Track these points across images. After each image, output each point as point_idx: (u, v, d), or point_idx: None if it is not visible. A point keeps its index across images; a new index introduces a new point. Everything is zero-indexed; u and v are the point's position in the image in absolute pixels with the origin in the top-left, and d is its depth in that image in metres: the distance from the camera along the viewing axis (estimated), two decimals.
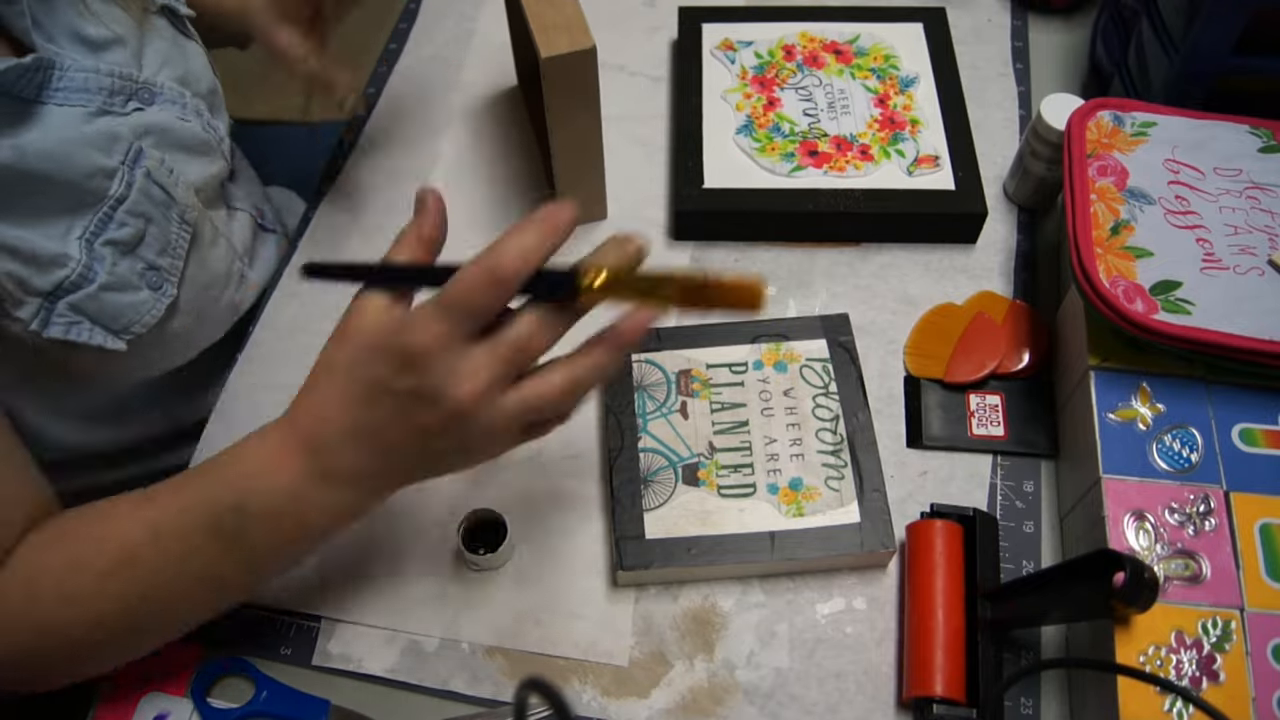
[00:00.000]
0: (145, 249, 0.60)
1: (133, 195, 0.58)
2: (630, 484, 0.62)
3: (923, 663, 0.55)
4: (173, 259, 0.63)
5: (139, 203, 0.59)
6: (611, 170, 0.74)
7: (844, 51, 0.81)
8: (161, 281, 0.62)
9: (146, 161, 0.60)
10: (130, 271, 0.59)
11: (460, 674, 0.59)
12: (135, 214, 0.59)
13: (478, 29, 0.90)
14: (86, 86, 0.57)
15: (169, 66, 0.64)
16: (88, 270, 0.57)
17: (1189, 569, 0.53)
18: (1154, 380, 0.58)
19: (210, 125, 0.68)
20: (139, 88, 0.61)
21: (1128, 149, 0.64)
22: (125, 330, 0.60)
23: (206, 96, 0.68)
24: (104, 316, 0.59)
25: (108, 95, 0.58)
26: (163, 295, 0.62)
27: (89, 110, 0.57)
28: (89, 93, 0.57)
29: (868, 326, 0.70)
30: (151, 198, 0.60)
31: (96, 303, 0.58)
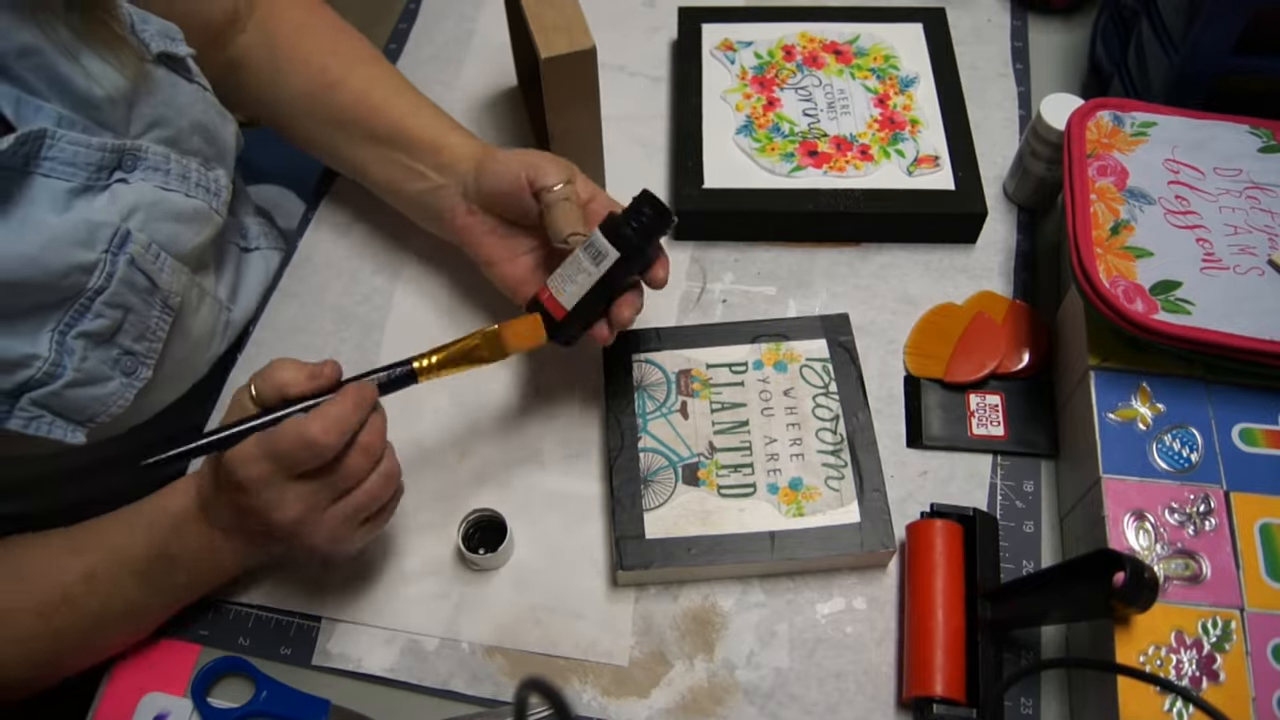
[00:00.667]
0: (122, 336, 0.59)
1: (112, 286, 0.56)
2: (630, 484, 0.62)
3: (923, 663, 0.55)
4: (151, 343, 0.61)
5: (118, 293, 0.57)
6: (611, 170, 0.74)
7: (844, 51, 0.81)
8: (136, 366, 0.60)
9: (132, 246, 0.57)
10: (102, 361, 0.58)
11: (460, 674, 0.59)
12: (114, 305, 0.57)
13: (478, 29, 0.90)
14: (74, 161, 0.55)
15: (160, 126, 0.61)
16: (55, 367, 0.55)
17: (1189, 569, 0.53)
18: (1154, 380, 0.58)
19: (204, 181, 0.64)
20: (125, 155, 0.58)
21: (1128, 149, 0.64)
22: (89, 421, 0.59)
23: (201, 150, 0.65)
24: (68, 410, 0.57)
25: (94, 170, 0.56)
26: (135, 380, 0.60)
27: (72, 186, 0.55)
28: (75, 167, 0.55)
29: (868, 326, 0.70)
30: (134, 286, 0.58)
31: (60, 399, 0.56)
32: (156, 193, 0.60)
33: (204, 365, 0.71)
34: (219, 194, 0.66)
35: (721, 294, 0.73)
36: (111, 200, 0.57)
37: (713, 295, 0.73)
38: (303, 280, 0.76)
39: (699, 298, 0.73)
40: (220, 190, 0.67)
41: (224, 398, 0.70)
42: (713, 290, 0.73)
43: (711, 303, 0.73)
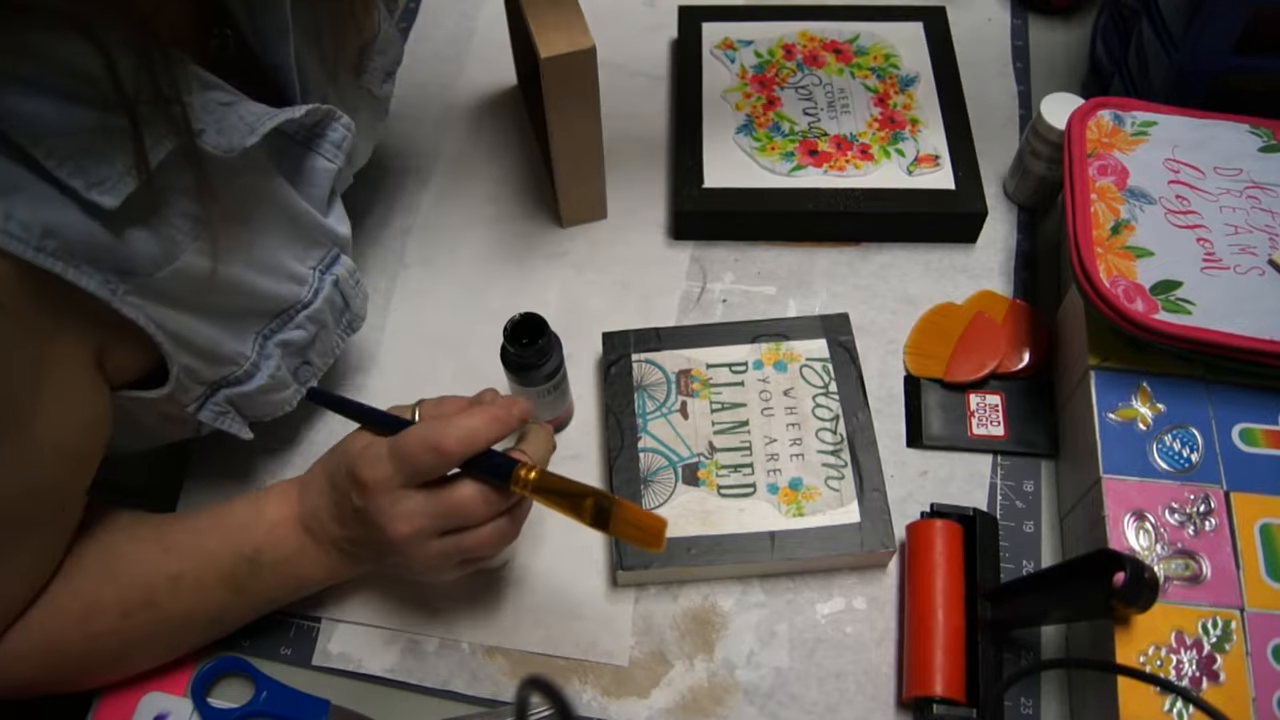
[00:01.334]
0: (311, 351, 0.60)
1: (317, 303, 0.58)
2: (630, 484, 0.62)
3: (923, 663, 0.55)
4: (327, 359, 0.62)
5: (320, 310, 0.58)
6: (611, 170, 0.74)
7: (844, 51, 0.81)
8: (310, 376, 0.61)
9: (339, 269, 0.59)
10: (289, 370, 0.59)
11: (460, 674, 0.59)
12: (314, 320, 0.58)
13: (478, 29, 0.90)
14: (340, 144, 0.57)
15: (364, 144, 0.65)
16: (254, 368, 0.56)
17: (1189, 569, 0.53)
18: (1154, 380, 0.58)
19: None
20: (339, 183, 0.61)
21: (1128, 148, 0.64)
22: (260, 420, 0.60)
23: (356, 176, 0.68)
24: (249, 409, 0.58)
25: (347, 157, 0.58)
26: (304, 387, 0.61)
27: (333, 168, 0.57)
28: (339, 149, 0.57)
29: (868, 326, 0.70)
30: (333, 305, 0.60)
31: (249, 400, 0.57)
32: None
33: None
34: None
35: (721, 294, 0.73)
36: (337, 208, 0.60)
37: (713, 295, 0.73)
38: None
39: (699, 298, 0.73)
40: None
41: None
42: (713, 290, 0.73)
43: (711, 303, 0.73)
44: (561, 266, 0.75)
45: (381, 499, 0.50)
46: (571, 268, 0.75)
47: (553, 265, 0.75)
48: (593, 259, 0.75)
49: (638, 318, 0.71)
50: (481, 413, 0.50)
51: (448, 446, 0.48)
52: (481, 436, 0.50)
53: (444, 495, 0.50)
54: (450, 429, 0.49)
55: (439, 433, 0.49)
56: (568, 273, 0.75)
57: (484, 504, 0.50)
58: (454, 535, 0.51)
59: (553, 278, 0.74)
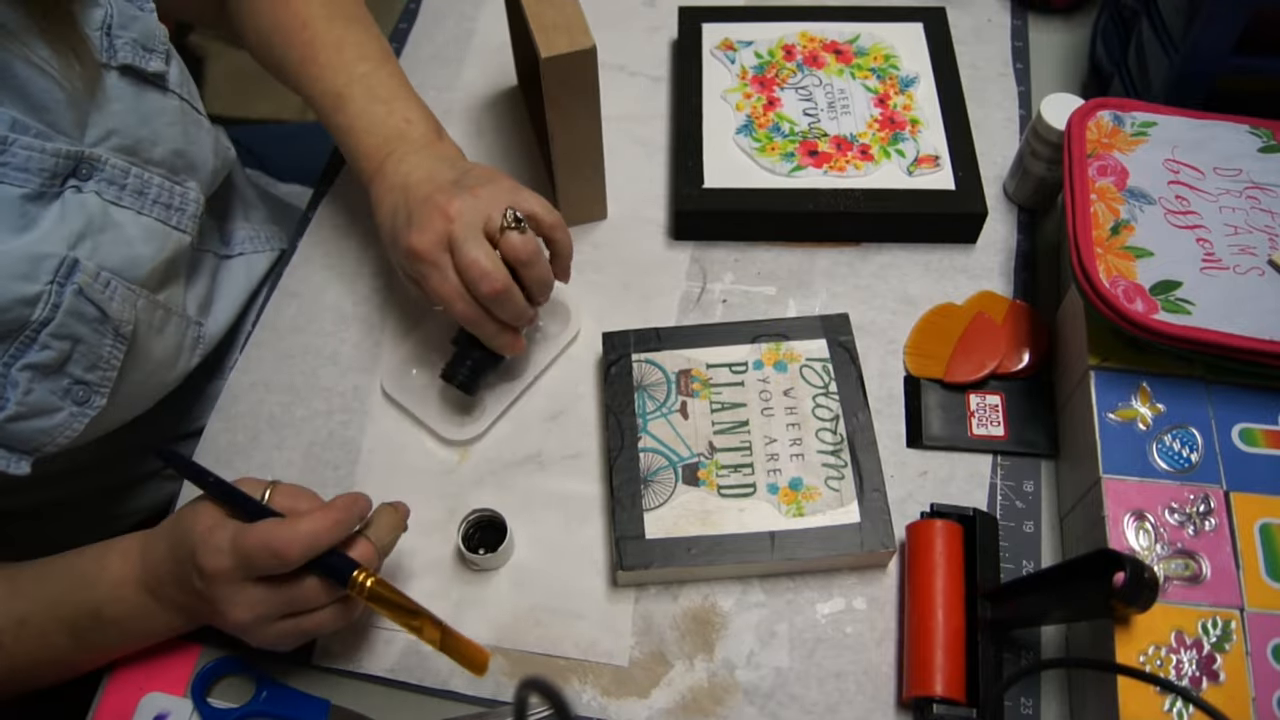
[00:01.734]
0: (72, 366, 0.57)
1: (58, 318, 0.54)
2: (630, 484, 0.62)
3: (923, 663, 0.55)
4: (104, 372, 0.59)
5: (65, 324, 0.55)
6: (611, 170, 0.74)
7: (844, 51, 0.81)
8: (89, 395, 0.59)
9: (80, 276, 0.55)
10: (50, 393, 0.56)
11: (460, 674, 0.59)
12: (61, 336, 0.55)
13: (478, 29, 0.90)
14: (27, 166, 0.53)
15: (117, 134, 0.59)
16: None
17: (1189, 569, 0.53)
18: (1154, 380, 0.58)
19: (165, 197, 0.63)
20: (79, 163, 0.56)
21: (1128, 149, 0.64)
22: (36, 451, 0.57)
23: (167, 160, 0.63)
24: (11, 441, 0.56)
25: (48, 177, 0.54)
26: (88, 409, 0.59)
27: (24, 192, 0.53)
28: (28, 173, 0.53)
29: (868, 326, 0.70)
30: (82, 316, 0.56)
31: (3, 432, 0.55)
32: (106, 210, 0.58)
33: (171, 382, 0.69)
34: (184, 209, 0.64)
35: (721, 294, 0.73)
36: (61, 214, 0.55)
37: (713, 295, 0.73)
38: (303, 280, 0.76)
39: (699, 298, 0.73)
40: (187, 204, 0.64)
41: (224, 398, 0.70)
42: (713, 290, 0.73)
43: (711, 303, 0.73)
44: None
45: (222, 589, 0.51)
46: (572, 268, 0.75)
47: None
48: (593, 259, 0.75)
49: (638, 318, 0.71)
50: (325, 516, 0.51)
51: (289, 555, 0.50)
52: (323, 541, 0.51)
53: (284, 590, 0.52)
54: (293, 536, 0.50)
55: (282, 540, 0.50)
56: None
57: (323, 595, 0.52)
58: (293, 618, 0.53)
59: None
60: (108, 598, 0.56)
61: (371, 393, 0.70)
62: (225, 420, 0.69)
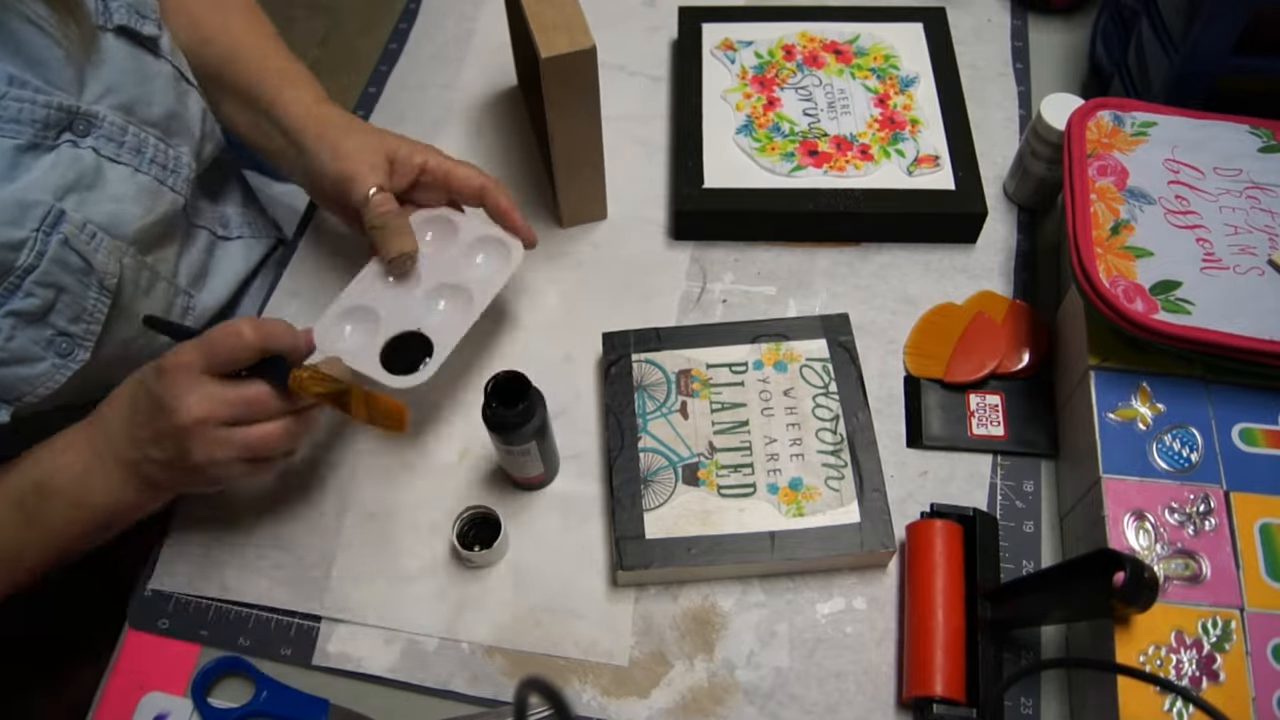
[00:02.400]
0: (55, 317, 0.57)
1: (43, 265, 0.55)
2: (630, 484, 0.62)
3: (923, 663, 0.55)
4: (89, 324, 0.59)
5: (50, 272, 0.55)
6: (611, 170, 0.74)
7: (844, 51, 0.81)
8: (73, 348, 0.59)
9: (66, 227, 0.56)
10: (33, 341, 0.56)
11: (460, 674, 0.59)
12: (44, 284, 0.55)
13: (478, 29, 0.90)
14: (19, 118, 0.54)
15: (114, 93, 0.60)
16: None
17: (1189, 569, 0.53)
18: (1154, 380, 0.58)
19: (160, 157, 0.63)
20: (75, 118, 0.57)
21: (1128, 149, 0.64)
22: (17, 400, 0.57)
23: (161, 122, 0.64)
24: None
25: (41, 127, 0.55)
26: (72, 361, 0.59)
27: (17, 143, 0.54)
28: (20, 124, 0.54)
29: (868, 326, 0.70)
30: (66, 265, 0.56)
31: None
32: (100, 166, 0.59)
33: (158, 349, 0.68)
34: (178, 171, 0.65)
35: (721, 294, 0.73)
36: (54, 163, 0.56)
37: (713, 295, 0.73)
38: (303, 280, 0.76)
39: (699, 298, 0.73)
40: (180, 167, 0.66)
41: None
42: (713, 290, 0.73)
43: (711, 303, 0.73)
44: (561, 266, 0.75)
45: (180, 379, 0.53)
46: (571, 268, 0.75)
47: (553, 265, 0.75)
48: (593, 259, 0.75)
49: (638, 318, 0.71)
50: (280, 323, 0.55)
51: (245, 332, 0.53)
52: (280, 335, 0.55)
53: (237, 387, 0.54)
54: (252, 320, 0.54)
55: (244, 323, 0.53)
56: (568, 273, 0.75)
57: (272, 401, 0.55)
58: (241, 428, 0.54)
59: (553, 278, 0.74)
60: (52, 465, 0.56)
61: None
62: None
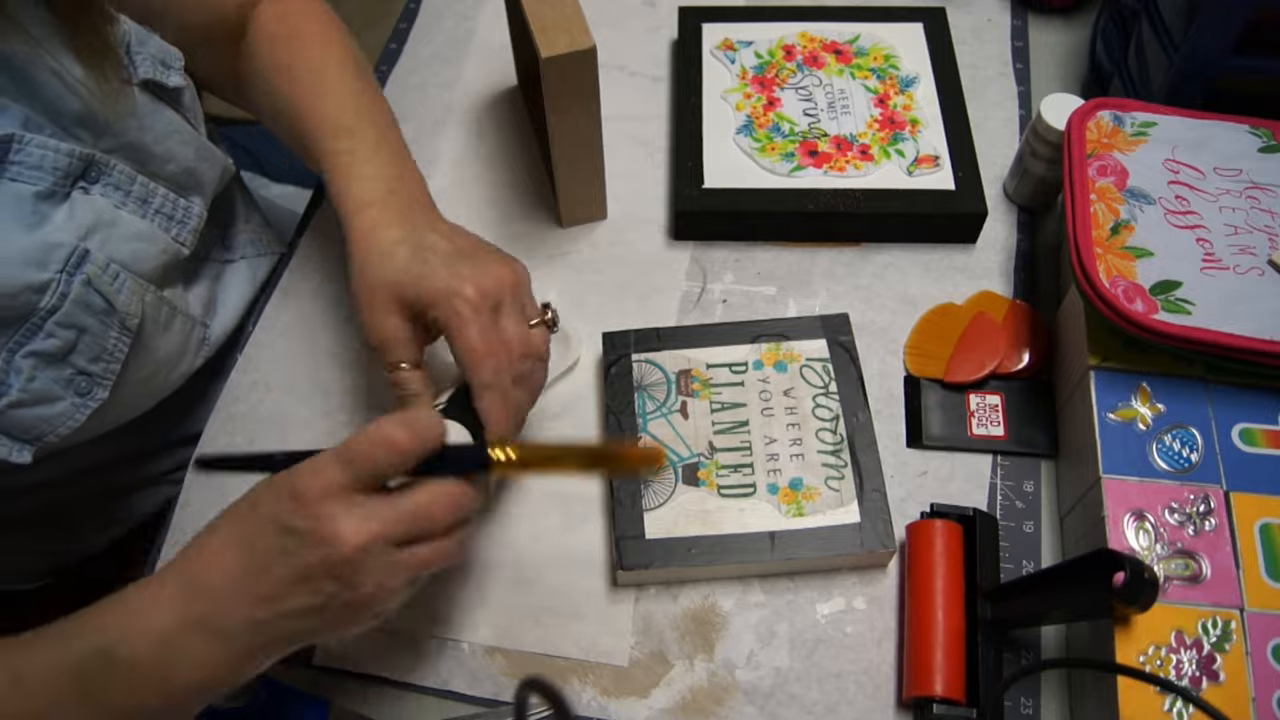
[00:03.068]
0: (76, 356, 0.57)
1: (65, 306, 0.55)
2: (630, 484, 0.62)
3: (923, 663, 0.55)
4: (108, 364, 0.59)
5: (72, 314, 0.55)
6: (611, 170, 0.74)
7: (844, 51, 0.81)
8: (91, 387, 0.58)
9: (89, 267, 0.55)
10: (53, 382, 0.56)
11: (460, 674, 0.59)
12: (66, 325, 0.55)
13: (478, 29, 0.90)
14: (41, 165, 0.54)
15: (131, 147, 0.60)
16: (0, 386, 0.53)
17: (1189, 569, 0.53)
18: (1154, 380, 0.58)
19: (168, 209, 0.63)
20: (89, 165, 0.57)
21: (1128, 149, 0.64)
22: (37, 440, 0.57)
23: (176, 177, 0.63)
24: (12, 429, 0.55)
25: (61, 176, 0.55)
26: (89, 400, 0.58)
27: (36, 190, 0.54)
28: (42, 171, 0.54)
29: (868, 326, 0.70)
30: (89, 307, 0.56)
31: (4, 418, 0.54)
32: (112, 211, 0.58)
33: (175, 382, 0.69)
34: (186, 222, 0.64)
35: (721, 294, 0.73)
36: (70, 212, 0.55)
37: (713, 295, 0.73)
38: (303, 280, 0.76)
39: (699, 298, 0.73)
40: (189, 219, 0.65)
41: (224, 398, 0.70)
42: (713, 290, 0.73)
43: (711, 303, 0.73)
44: (561, 266, 0.75)
45: (329, 505, 0.43)
46: (571, 268, 0.75)
47: (553, 265, 0.75)
48: (593, 259, 0.75)
49: (638, 318, 0.71)
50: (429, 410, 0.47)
51: (398, 439, 0.44)
52: (435, 432, 0.45)
53: (403, 498, 0.45)
54: (404, 421, 0.44)
55: (392, 426, 0.44)
56: (568, 273, 0.75)
57: (452, 506, 0.46)
58: (414, 548, 0.46)
59: (553, 278, 0.74)
60: (121, 631, 0.45)
61: (371, 392, 0.70)
62: (225, 420, 0.69)
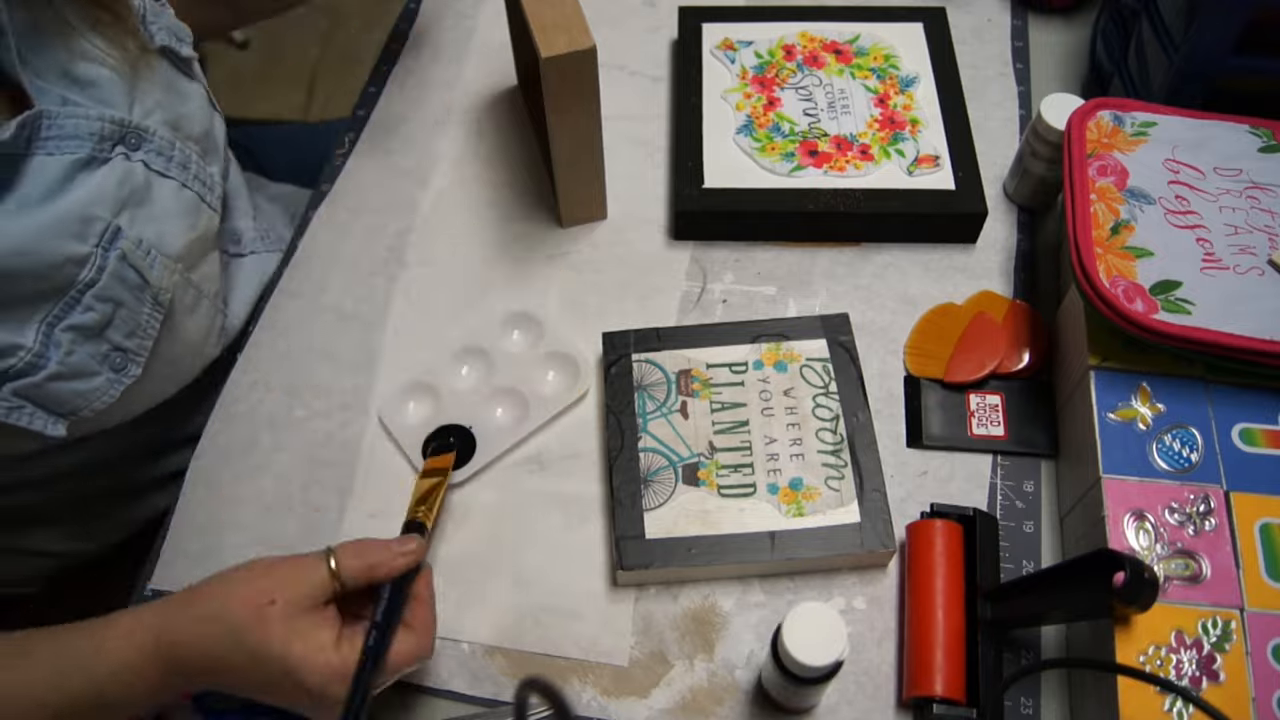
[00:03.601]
0: (112, 332, 0.58)
1: (103, 280, 0.56)
2: (630, 484, 0.62)
3: (923, 663, 0.55)
4: (142, 339, 0.60)
5: (109, 287, 0.56)
6: (611, 170, 0.74)
7: (844, 51, 0.81)
8: (126, 363, 0.60)
9: (123, 243, 0.57)
10: (90, 356, 0.57)
11: (460, 674, 0.59)
12: (103, 299, 0.56)
13: (478, 28, 0.90)
14: (77, 133, 0.55)
15: (161, 109, 0.62)
16: (39, 359, 0.54)
17: (1189, 569, 0.53)
18: (1154, 380, 0.58)
19: (201, 174, 0.65)
20: (128, 131, 0.58)
21: (1128, 149, 0.64)
22: (72, 414, 0.58)
23: (200, 140, 0.66)
24: (49, 402, 0.56)
25: (98, 140, 0.56)
26: (124, 376, 0.60)
27: (77, 158, 0.55)
28: (79, 139, 0.55)
29: (868, 326, 0.70)
30: (124, 281, 0.58)
31: (42, 391, 0.55)
32: (150, 181, 0.60)
33: (196, 368, 0.70)
34: (214, 189, 0.67)
35: (721, 294, 0.73)
36: (107, 179, 0.57)
37: (713, 295, 0.73)
38: (303, 280, 0.76)
39: (699, 298, 0.73)
40: (214, 185, 0.67)
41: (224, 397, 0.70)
42: (713, 290, 0.73)
43: (711, 303, 0.73)
44: (561, 266, 0.75)
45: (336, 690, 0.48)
46: (571, 268, 0.75)
47: (553, 265, 0.75)
48: (593, 259, 0.75)
49: (638, 318, 0.71)
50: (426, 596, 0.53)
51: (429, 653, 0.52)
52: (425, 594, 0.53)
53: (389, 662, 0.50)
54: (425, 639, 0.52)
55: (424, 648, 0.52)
56: (568, 273, 0.75)
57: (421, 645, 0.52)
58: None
59: (553, 278, 0.74)
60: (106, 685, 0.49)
61: (371, 393, 0.70)
62: (225, 420, 0.69)
